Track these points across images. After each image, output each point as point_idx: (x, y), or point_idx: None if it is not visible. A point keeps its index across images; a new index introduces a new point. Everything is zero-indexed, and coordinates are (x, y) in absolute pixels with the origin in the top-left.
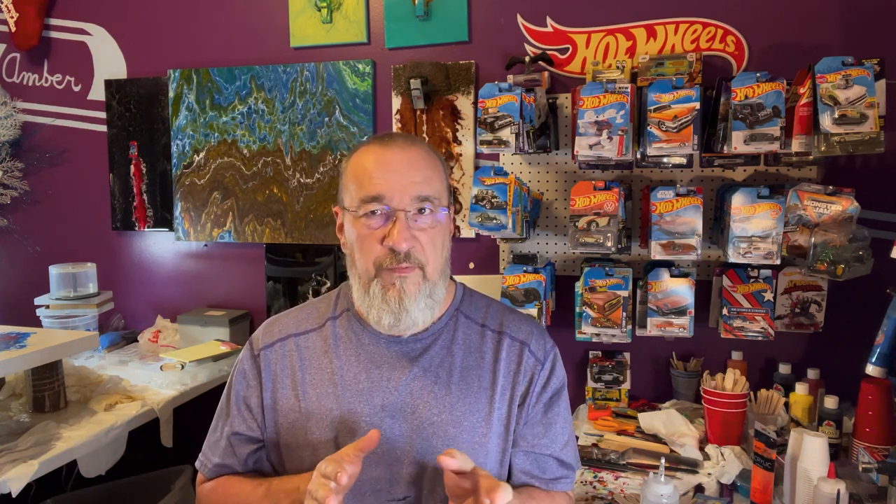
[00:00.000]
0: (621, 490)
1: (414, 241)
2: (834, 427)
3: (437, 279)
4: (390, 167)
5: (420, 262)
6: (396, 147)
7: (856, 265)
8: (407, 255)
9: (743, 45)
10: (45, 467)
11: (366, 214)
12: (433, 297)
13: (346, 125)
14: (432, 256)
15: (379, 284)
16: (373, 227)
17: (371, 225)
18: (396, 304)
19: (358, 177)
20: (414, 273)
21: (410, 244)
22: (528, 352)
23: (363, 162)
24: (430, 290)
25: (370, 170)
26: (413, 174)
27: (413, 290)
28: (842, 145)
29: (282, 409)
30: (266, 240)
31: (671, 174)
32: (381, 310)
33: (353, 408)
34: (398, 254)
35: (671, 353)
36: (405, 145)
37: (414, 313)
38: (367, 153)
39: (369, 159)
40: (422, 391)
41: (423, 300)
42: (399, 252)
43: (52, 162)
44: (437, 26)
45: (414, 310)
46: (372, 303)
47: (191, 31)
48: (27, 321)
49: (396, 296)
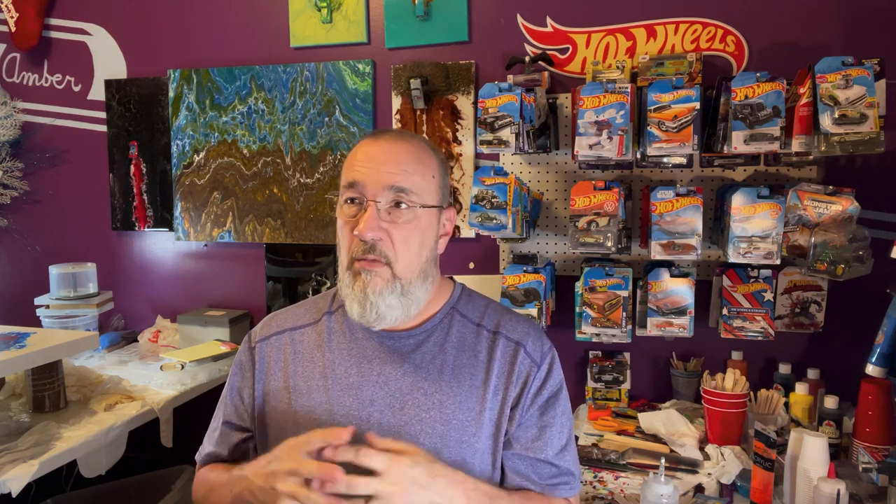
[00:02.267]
0: (621, 490)
1: (381, 233)
2: (834, 427)
3: (412, 278)
4: (371, 157)
5: (387, 257)
6: (384, 140)
7: (856, 265)
8: (373, 248)
9: (743, 45)
10: (45, 467)
11: (346, 202)
12: (407, 296)
13: (346, 125)
14: (403, 253)
15: (350, 273)
16: (349, 214)
17: (348, 213)
18: (361, 295)
19: (347, 165)
20: (381, 269)
21: (376, 234)
22: (524, 352)
23: (354, 152)
24: (402, 289)
25: (356, 159)
26: (391, 166)
27: (379, 284)
28: (842, 145)
29: (272, 400)
30: (266, 240)
31: (671, 174)
32: (351, 299)
33: (341, 401)
34: (365, 244)
35: (671, 353)
36: (393, 139)
37: (381, 307)
38: (360, 145)
39: (359, 150)
40: (412, 387)
41: (391, 297)
42: (365, 242)
43: (52, 162)
44: (437, 26)
45: (380, 304)
46: (345, 292)
47: (191, 31)
48: (27, 321)
49: (361, 286)
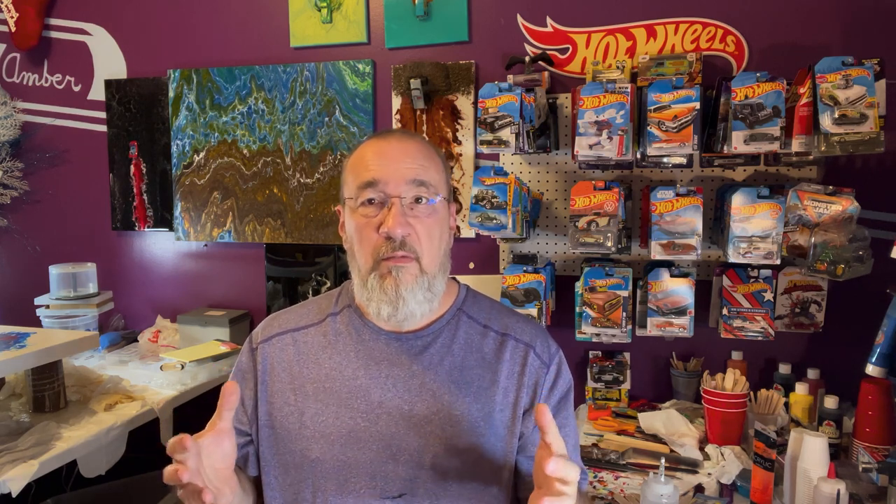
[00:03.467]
0: (621, 490)
1: (409, 228)
2: (834, 427)
3: (436, 272)
4: (386, 156)
5: (416, 251)
6: (394, 139)
7: (856, 265)
8: (402, 243)
9: (743, 45)
10: (45, 467)
11: (363, 203)
12: (432, 290)
13: (346, 125)
14: (428, 247)
15: (377, 275)
16: (370, 215)
17: (368, 213)
18: (393, 293)
19: (356, 167)
20: (411, 264)
21: (406, 230)
22: (534, 354)
23: (361, 154)
24: (429, 283)
25: (367, 159)
26: (408, 161)
27: (409, 280)
28: (842, 145)
29: (277, 402)
30: (266, 240)
31: (671, 174)
32: (380, 300)
33: (349, 403)
34: (393, 241)
35: (671, 353)
36: (403, 137)
37: (411, 304)
38: (366, 146)
39: (367, 150)
40: (420, 388)
41: (420, 292)
42: (394, 239)
43: (52, 162)
44: (437, 26)
45: (411, 300)
46: (371, 295)
47: (191, 31)
48: (27, 321)
49: (393, 284)
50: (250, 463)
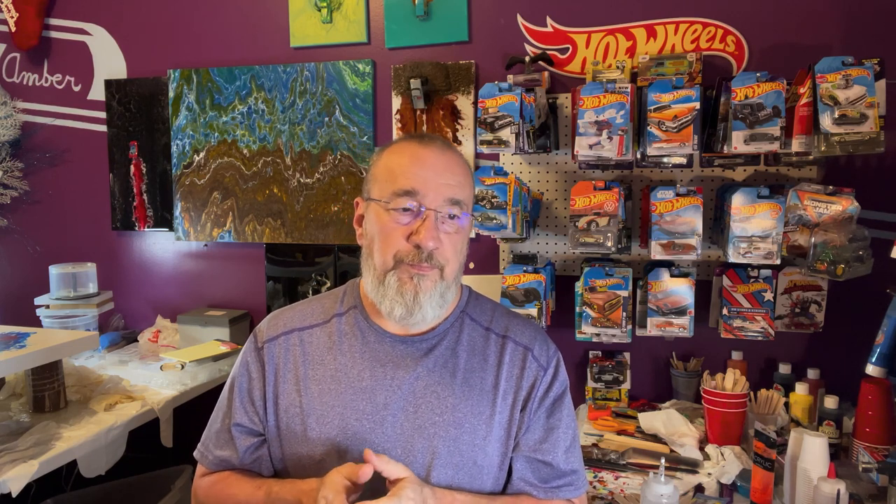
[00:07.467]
0: (621, 490)
1: (439, 243)
2: (834, 427)
3: (452, 281)
4: (427, 165)
5: (440, 263)
6: (435, 148)
7: (856, 265)
8: (430, 256)
9: (743, 45)
10: (45, 467)
11: (396, 208)
12: (444, 298)
13: (346, 125)
14: (452, 259)
15: (395, 276)
16: (401, 221)
17: (400, 219)
18: (411, 298)
19: (392, 169)
20: (433, 272)
21: (437, 244)
22: (532, 356)
23: (400, 156)
24: (444, 291)
25: (406, 164)
26: (448, 177)
27: (429, 287)
28: (842, 145)
29: (283, 403)
30: (266, 240)
31: (671, 174)
32: (395, 301)
33: (354, 405)
34: (422, 252)
35: (671, 353)
36: (444, 147)
37: (426, 309)
38: (405, 148)
39: (406, 154)
40: (425, 391)
41: (436, 299)
42: (423, 251)
43: (52, 162)
44: (437, 26)
45: (427, 306)
46: (386, 293)
47: (191, 31)
48: (27, 321)
49: (412, 290)
50: (264, 464)
